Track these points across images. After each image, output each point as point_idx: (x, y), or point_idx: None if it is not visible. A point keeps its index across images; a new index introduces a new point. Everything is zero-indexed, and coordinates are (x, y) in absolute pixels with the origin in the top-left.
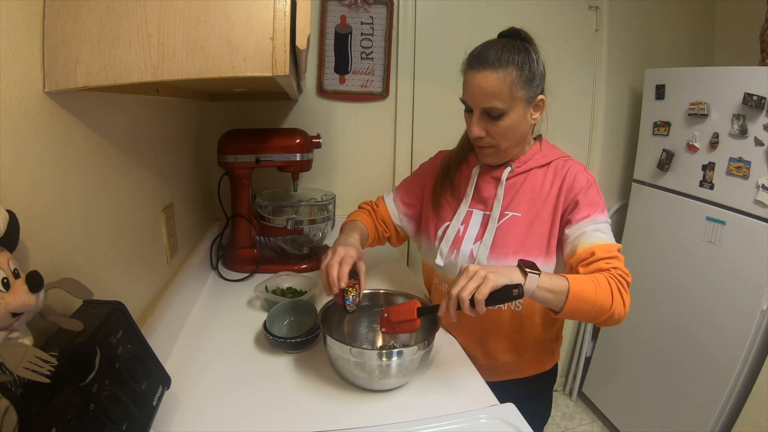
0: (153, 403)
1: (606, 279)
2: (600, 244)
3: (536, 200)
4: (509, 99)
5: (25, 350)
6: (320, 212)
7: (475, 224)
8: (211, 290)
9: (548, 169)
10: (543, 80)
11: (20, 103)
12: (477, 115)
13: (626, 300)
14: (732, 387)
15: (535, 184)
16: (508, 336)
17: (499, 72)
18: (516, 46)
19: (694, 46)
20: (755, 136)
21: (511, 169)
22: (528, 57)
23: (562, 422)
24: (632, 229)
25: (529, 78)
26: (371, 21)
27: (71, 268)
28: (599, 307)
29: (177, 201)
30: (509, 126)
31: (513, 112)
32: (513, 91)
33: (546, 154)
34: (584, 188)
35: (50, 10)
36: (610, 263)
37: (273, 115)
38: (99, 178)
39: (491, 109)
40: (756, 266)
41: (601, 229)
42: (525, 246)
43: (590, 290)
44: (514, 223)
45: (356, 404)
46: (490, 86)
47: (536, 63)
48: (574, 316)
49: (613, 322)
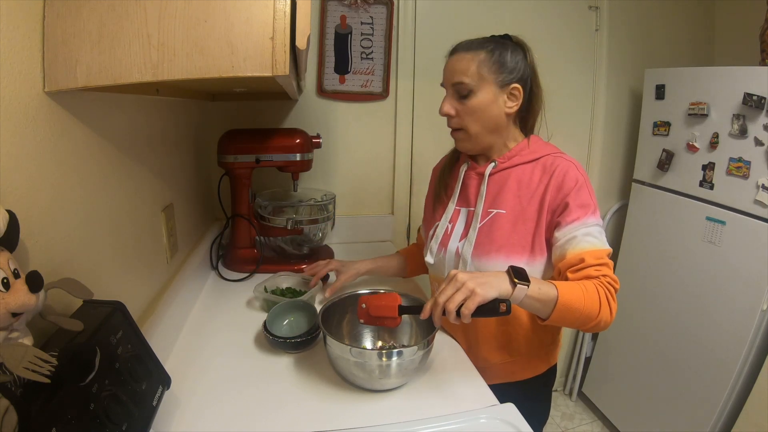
0: (153, 403)
1: (595, 287)
2: (590, 250)
3: (522, 197)
4: (477, 77)
5: (25, 350)
6: (320, 212)
7: (461, 222)
8: (211, 290)
9: (536, 165)
10: (519, 72)
11: (20, 103)
12: (449, 93)
13: (613, 308)
14: (732, 387)
15: (521, 179)
16: (496, 336)
17: (470, 53)
18: (494, 39)
19: (694, 46)
20: (755, 136)
21: (495, 164)
22: (503, 47)
23: (562, 422)
24: (632, 229)
25: (498, 62)
26: (371, 21)
27: (71, 268)
28: (586, 315)
29: (177, 201)
30: (477, 106)
31: (481, 93)
32: (480, 71)
33: (534, 150)
34: (574, 189)
35: (50, 10)
36: (600, 270)
37: (273, 115)
38: (99, 178)
39: (459, 86)
40: (756, 266)
41: (591, 233)
42: (509, 244)
43: (578, 299)
44: (499, 221)
45: (356, 404)
46: (459, 64)
47: (510, 54)
48: (560, 323)
49: (598, 329)
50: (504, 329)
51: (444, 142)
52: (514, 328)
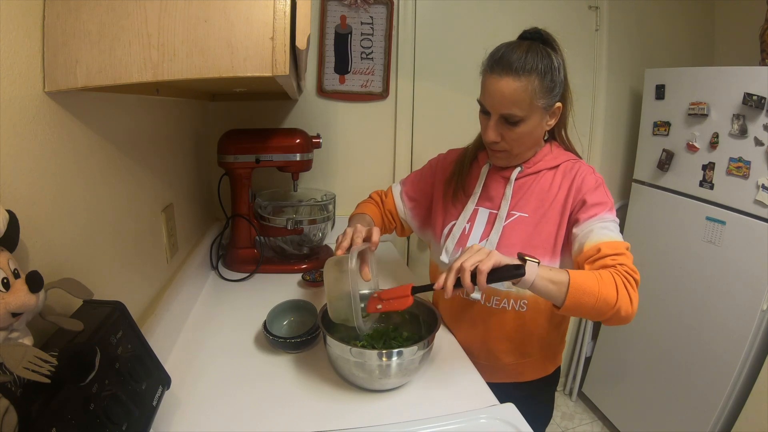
0: (153, 403)
1: (610, 274)
2: (607, 241)
3: (544, 201)
4: (528, 108)
5: (25, 350)
6: (320, 212)
7: (480, 222)
8: (211, 290)
9: (557, 171)
10: (562, 87)
11: (20, 103)
12: (494, 119)
13: (633, 297)
14: (732, 387)
15: (543, 185)
16: (510, 337)
17: (522, 80)
18: (539, 51)
19: (694, 46)
20: (755, 136)
21: (521, 169)
22: (551, 65)
23: (562, 422)
24: (632, 229)
25: (550, 87)
26: (371, 21)
27: (71, 268)
28: (603, 301)
29: (177, 201)
30: (525, 132)
31: (530, 120)
32: (533, 101)
33: (556, 156)
34: (592, 188)
35: (50, 10)
36: (616, 260)
37: (273, 115)
38: (99, 178)
39: (509, 116)
40: (756, 266)
41: (608, 227)
42: (531, 246)
43: (593, 283)
44: (521, 223)
45: (356, 404)
46: (511, 94)
47: (557, 71)
48: (577, 311)
49: (620, 320)
50: (520, 330)
51: (444, 141)
52: (530, 329)
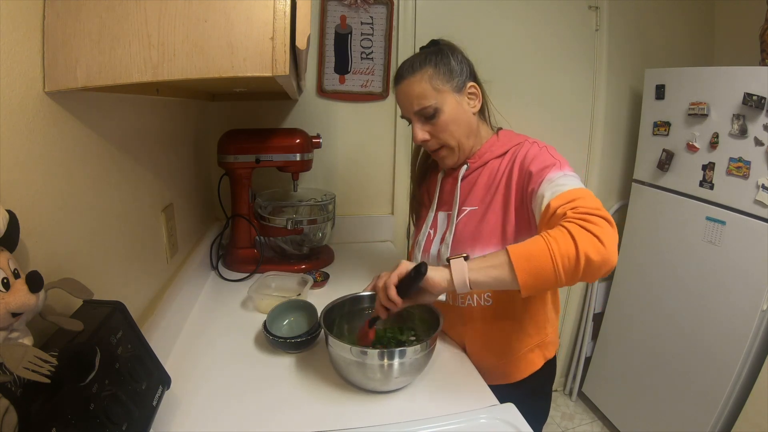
0: (153, 403)
1: (560, 225)
2: (555, 197)
3: (490, 189)
4: (435, 94)
5: (25, 350)
6: (320, 212)
7: (441, 226)
8: (211, 290)
9: (504, 157)
10: (467, 69)
11: (20, 103)
12: (414, 120)
13: (601, 235)
14: (732, 387)
15: (491, 174)
16: (481, 333)
17: (416, 75)
18: (428, 51)
19: (694, 46)
20: (755, 136)
21: (467, 166)
22: (441, 55)
23: (562, 422)
24: (632, 229)
25: (446, 71)
26: (371, 21)
27: (71, 268)
28: (563, 256)
29: (177, 201)
30: (448, 120)
31: (445, 106)
32: (436, 86)
33: (504, 142)
34: (535, 156)
35: (50, 10)
36: (567, 207)
37: (273, 115)
38: (99, 178)
39: (423, 110)
40: (756, 266)
41: (557, 183)
42: (479, 237)
43: (539, 245)
44: (471, 217)
45: (356, 404)
46: (413, 89)
47: (450, 57)
48: (543, 283)
49: (599, 267)
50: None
51: None
52: (502, 324)
